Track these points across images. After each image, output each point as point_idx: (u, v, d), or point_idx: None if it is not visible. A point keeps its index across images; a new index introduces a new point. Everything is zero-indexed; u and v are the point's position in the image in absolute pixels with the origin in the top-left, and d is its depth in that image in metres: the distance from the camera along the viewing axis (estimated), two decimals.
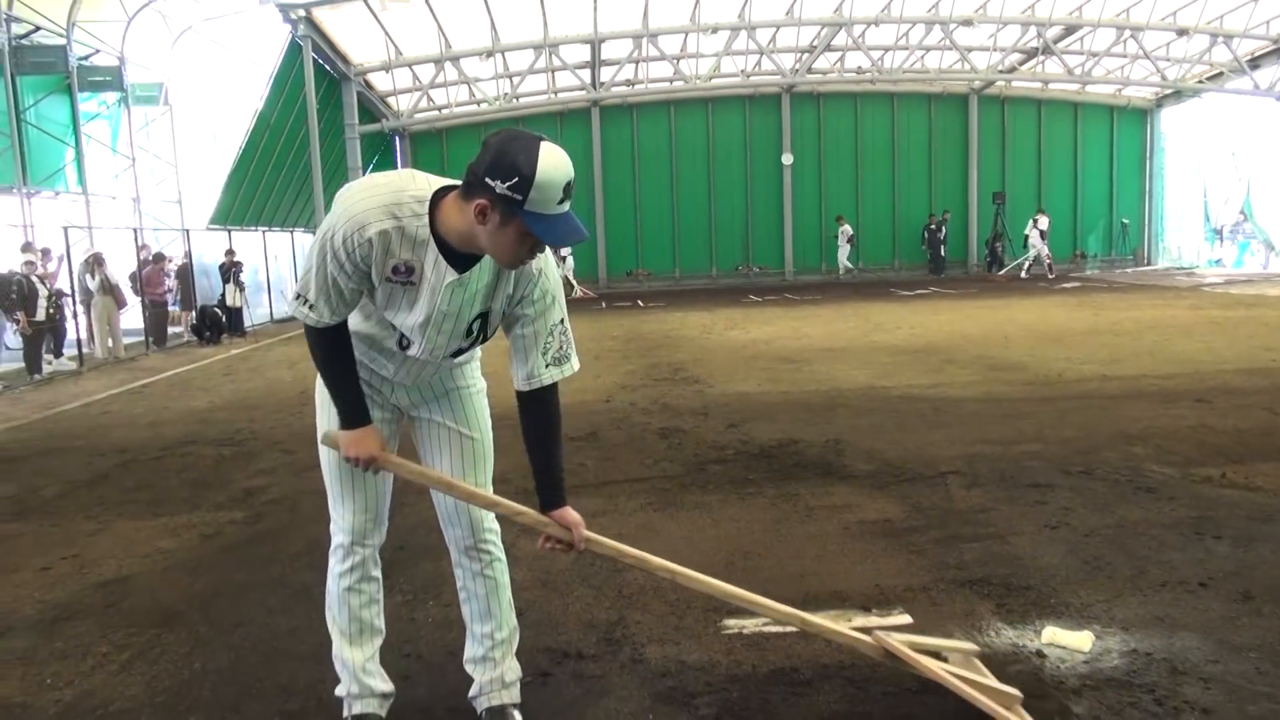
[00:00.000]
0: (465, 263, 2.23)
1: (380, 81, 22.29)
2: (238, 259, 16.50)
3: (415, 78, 22.02)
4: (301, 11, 17.20)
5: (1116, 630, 3.17)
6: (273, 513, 4.99)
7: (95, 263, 13.70)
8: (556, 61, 21.89)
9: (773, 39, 22.65)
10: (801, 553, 4.07)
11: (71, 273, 13.29)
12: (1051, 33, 22.14)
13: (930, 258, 25.59)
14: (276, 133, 18.62)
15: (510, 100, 22.93)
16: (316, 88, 18.32)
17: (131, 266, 15.08)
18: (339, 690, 2.68)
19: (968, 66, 23.10)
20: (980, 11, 21.34)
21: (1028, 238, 23.89)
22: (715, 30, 21.36)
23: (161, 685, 3.05)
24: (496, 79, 22.53)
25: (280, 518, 4.88)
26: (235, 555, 4.38)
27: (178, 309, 16.23)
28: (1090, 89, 26.01)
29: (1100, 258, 26.51)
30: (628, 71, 23.73)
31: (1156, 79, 23.66)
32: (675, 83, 23.56)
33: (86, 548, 4.56)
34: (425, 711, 2.81)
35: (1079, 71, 23.67)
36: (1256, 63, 22.41)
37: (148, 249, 15.67)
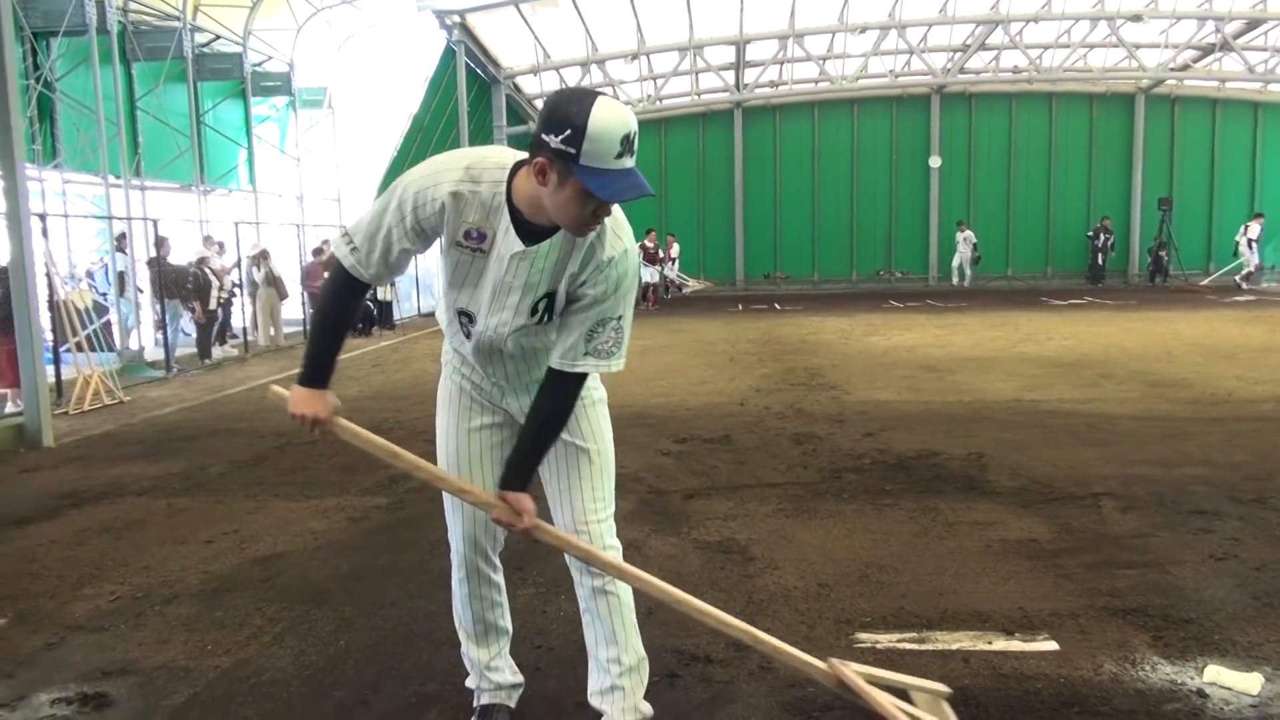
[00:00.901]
0: (535, 238, 2.18)
1: (528, 85, 22.86)
2: None
3: (562, 80, 22.47)
4: (456, 18, 17.81)
5: None
6: (414, 500, 5.17)
7: (261, 257, 14.59)
8: (700, 63, 21.94)
9: (924, 38, 22.04)
10: (940, 569, 3.92)
11: (240, 266, 14.20)
12: (1231, 27, 20.70)
13: (1089, 265, 24.33)
14: (429, 134, 19.34)
15: (654, 102, 23.13)
16: (468, 91, 18.94)
17: (294, 260, 15.96)
18: (469, 682, 2.74)
19: (1135, 64, 21.84)
20: (1151, 5, 20.15)
21: (1238, 245, 22.51)
22: (864, 30, 20.96)
23: (309, 659, 3.21)
24: (641, 81, 22.77)
25: (421, 505, 5.06)
26: (379, 539, 4.57)
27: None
28: (1273, 88, 24.14)
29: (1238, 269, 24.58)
30: (772, 73, 23.55)
31: None
32: (820, 84, 23.24)
33: (246, 524, 4.85)
34: (555, 704, 2.85)
35: (1261, 69, 22.02)
36: None
37: (327, 244, 16.50)
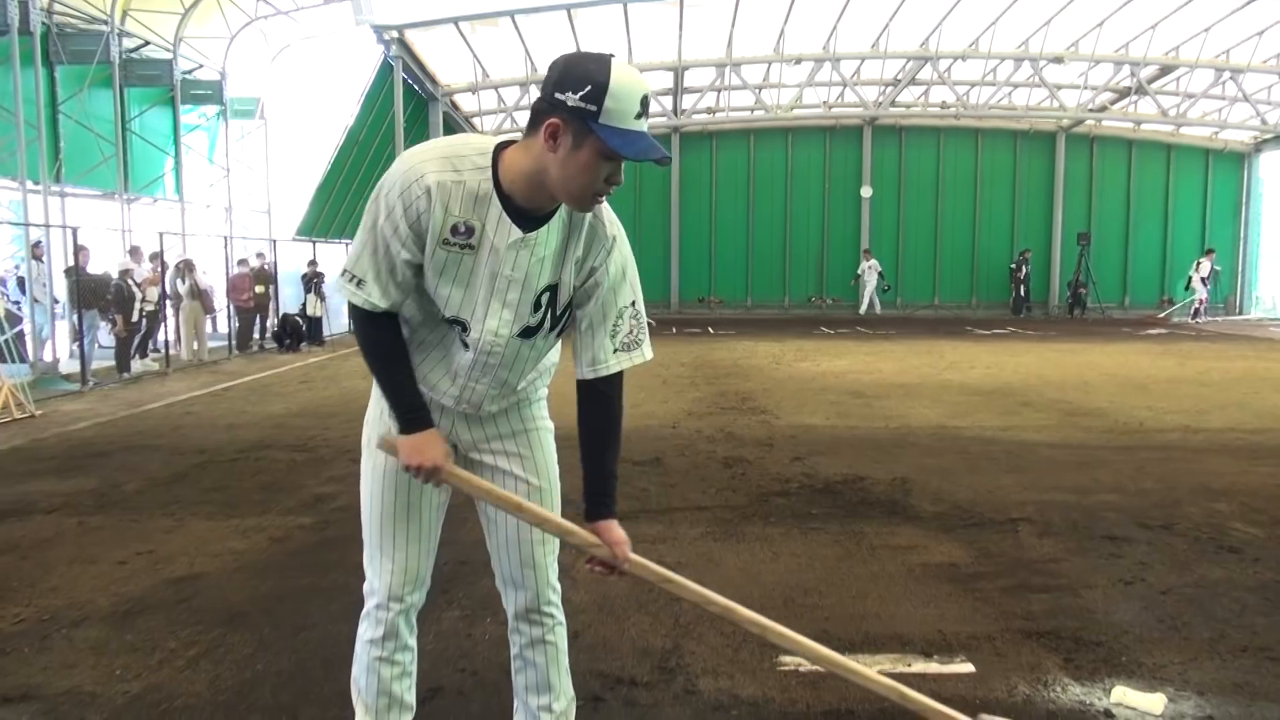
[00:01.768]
0: (532, 224, 2.02)
1: (466, 103, 22.79)
2: (320, 270, 16.97)
3: (500, 99, 22.48)
4: (394, 33, 17.70)
5: (1191, 694, 3.04)
6: (340, 520, 5.08)
7: (186, 268, 14.23)
8: None
9: (857, 71, 22.59)
10: (864, 593, 3.99)
11: (165, 277, 13.82)
12: (1146, 72, 21.64)
13: (1011, 296, 25.11)
14: (365, 148, 19.14)
15: None
16: (405, 107, 18.80)
17: (221, 273, 15.61)
18: None
19: (1057, 104, 22.68)
20: (1072, 49, 20.96)
21: (1190, 280, 23.54)
22: (799, 61, 21.41)
23: (225, 684, 3.12)
24: None
25: (347, 525, 4.97)
26: (302, 559, 4.48)
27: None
28: (1185, 131, 25.28)
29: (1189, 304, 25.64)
30: (709, 99, 23.86)
31: (1256, 122, 22.89)
32: (756, 112, 23.60)
33: (162, 544, 4.71)
34: None
35: (1174, 113, 23.04)
36: None
37: (262, 258, 16.18)
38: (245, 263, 15.94)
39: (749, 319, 23.46)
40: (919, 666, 3.25)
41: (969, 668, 3.24)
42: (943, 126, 25.34)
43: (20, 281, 13.05)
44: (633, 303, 2.16)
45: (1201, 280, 23.13)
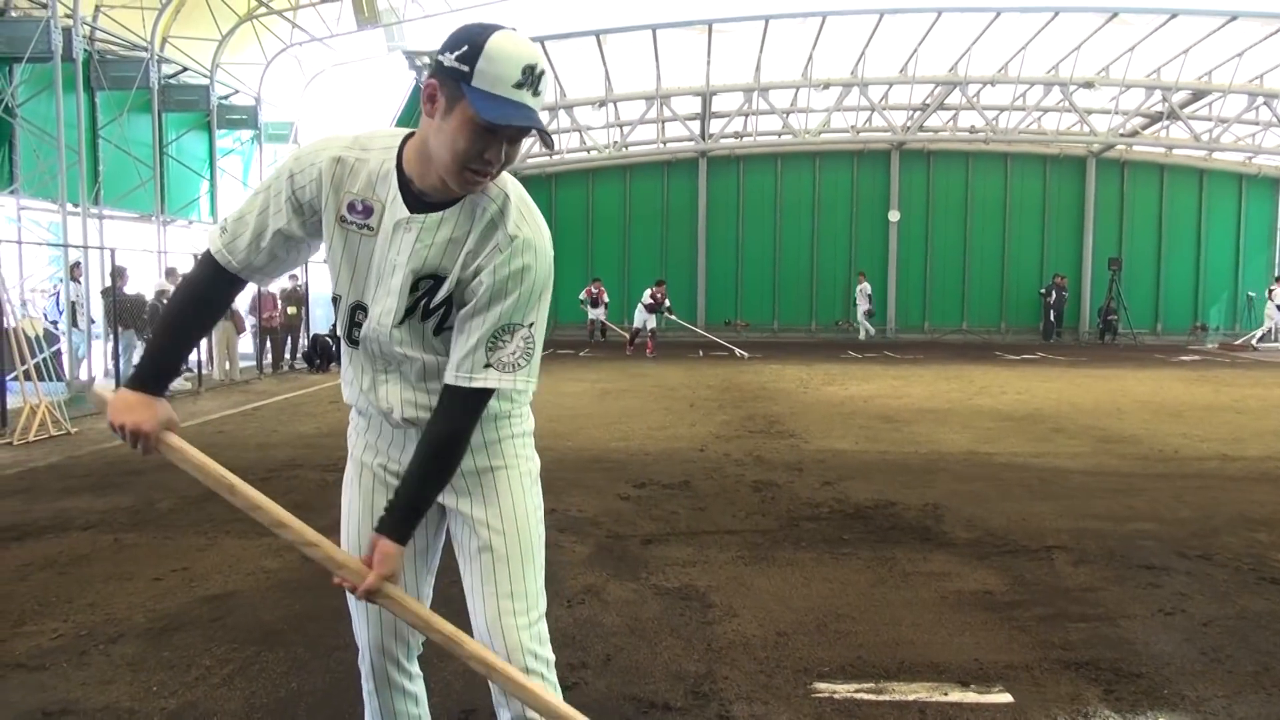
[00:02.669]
0: (425, 209, 1.90)
1: None
2: None
3: None
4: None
5: None
6: None
7: None
8: (667, 112, 22.26)
9: (885, 96, 22.61)
10: (897, 619, 3.95)
11: None
12: (1178, 97, 21.49)
13: (1042, 322, 24.92)
14: None
15: (619, 148, 23.38)
16: None
17: (249, 292, 15.79)
18: None
19: (1087, 129, 22.57)
20: (1103, 74, 20.90)
21: (1267, 306, 23.38)
22: (827, 86, 21.46)
23: (259, 702, 3.14)
24: (607, 127, 23.03)
25: None
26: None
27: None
28: (1218, 156, 25.06)
29: (1223, 331, 25.30)
30: (737, 124, 23.96)
31: None
32: (784, 136, 23.66)
33: (196, 561, 4.75)
34: None
35: (1206, 138, 22.86)
36: None
37: (295, 279, 16.32)
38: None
39: (775, 342, 23.39)
40: (956, 695, 3.20)
41: (1007, 698, 3.19)
42: (971, 151, 25.24)
43: (58, 301, 13.26)
44: (529, 325, 1.92)
45: (1277, 307, 22.73)
